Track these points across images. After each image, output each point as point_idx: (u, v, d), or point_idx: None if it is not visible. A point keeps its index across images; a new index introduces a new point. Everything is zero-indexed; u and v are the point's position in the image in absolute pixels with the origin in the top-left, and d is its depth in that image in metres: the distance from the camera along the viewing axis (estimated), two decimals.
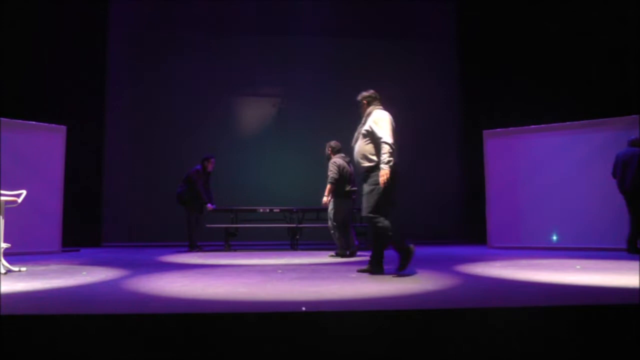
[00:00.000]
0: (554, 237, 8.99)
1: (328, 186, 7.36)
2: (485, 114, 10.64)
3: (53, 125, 8.83)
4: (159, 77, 11.49)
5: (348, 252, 7.54)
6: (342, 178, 7.36)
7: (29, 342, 2.82)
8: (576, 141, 8.94)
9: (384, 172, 4.88)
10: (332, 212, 7.50)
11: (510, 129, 9.58)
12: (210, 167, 9.05)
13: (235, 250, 9.19)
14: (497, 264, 6.36)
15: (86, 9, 10.55)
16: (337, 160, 7.44)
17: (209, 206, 8.96)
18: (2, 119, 8.28)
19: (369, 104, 5.40)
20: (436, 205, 11.74)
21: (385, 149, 4.94)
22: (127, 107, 11.49)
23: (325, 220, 7.99)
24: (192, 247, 8.93)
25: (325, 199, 7.40)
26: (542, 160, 9.19)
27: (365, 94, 5.46)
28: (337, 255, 7.54)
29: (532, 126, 9.38)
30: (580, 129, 8.94)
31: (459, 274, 5.25)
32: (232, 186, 10.68)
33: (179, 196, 8.95)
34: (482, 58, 11.19)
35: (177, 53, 11.56)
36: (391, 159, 4.93)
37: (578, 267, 5.79)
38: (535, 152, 9.30)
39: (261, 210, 9.59)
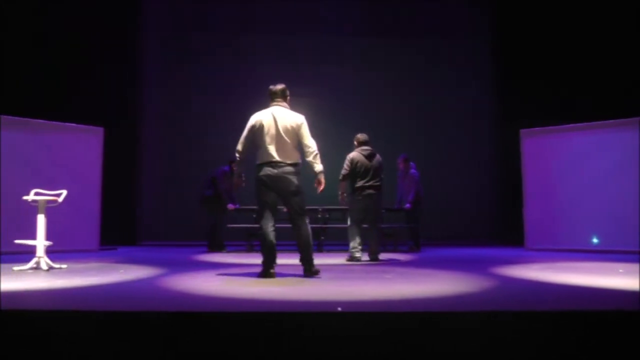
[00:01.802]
0: (594, 240, 8.75)
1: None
2: (523, 112, 10.41)
3: (91, 127, 9.02)
4: (191, 79, 11.64)
5: (369, 256, 6.94)
6: (354, 173, 6.85)
7: (69, 336, 2.87)
8: (617, 140, 8.68)
9: None
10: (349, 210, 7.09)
11: (548, 127, 9.36)
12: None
13: (257, 251, 8.82)
14: (535, 266, 6.22)
15: (119, 12, 10.75)
16: (353, 154, 6.97)
17: (230, 206, 8.85)
18: (42, 121, 8.52)
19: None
20: (472, 206, 11.59)
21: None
22: (160, 109, 11.68)
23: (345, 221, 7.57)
24: (215, 247, 8.82)
25: (340, 196, 6.96)
26: (581, 160, 8.96)
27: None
28: (350, 259, 6.87)
29: (571, 124, 9.15)
30: (621, 127, 8.66)
31: (495, 276, 5.15)
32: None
33: (207, 199, 8.89)
34: (519, 56, 10.98)
35: (209, 54, 11.69)
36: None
37: (621, 270, 5.61)
38: (574, 151, 9.07)
39: (285, 210, 9.22)
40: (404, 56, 11.91)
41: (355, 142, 7.13)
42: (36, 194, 5.83)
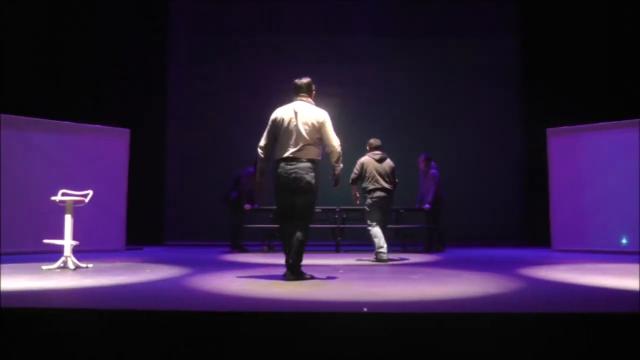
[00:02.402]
0: (624, 240, 8.58)
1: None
2: (549, 111, 10.26)
3: (118, 128, 9.14)
4: (218, 79, 11.69)
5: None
6: (362, 177, 7.01)
7: (97, 334, 2.90)
8: None
9: None
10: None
11: (575, 126, 9.21)
12: None
13: (276, 251, 8.63)
14: (561, 267, 6.12)
15: (148, 14, 10.87)
16: (364, 158, 7.15)
17: (247, 206, 8.83)
18: (70, 123, 8.66)
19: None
20: (499, 206, 11.44)
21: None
22: (187, 109, 11.76)
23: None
24: (237, 248, 8.87)
25: (353, 197, 7.01)
26: (609, 159, 8.78)
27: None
28: (376, 260, 6.85)
29: (598, 123, 8.99)
30: None
31: (522, 277, 5.08)
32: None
33: (235, 200, 8.88)
34: (545, 55, 10.84)
35: (235, 54, 11.74)
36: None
37: None
38: (602, 150, 8.90)
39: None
40: (429, 56, 11.83)
41: (368, 147, 7.31)
42: (63, 194, 5.92)
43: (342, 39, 11.87)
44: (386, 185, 6.98)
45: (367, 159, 7.11)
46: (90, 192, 5.99)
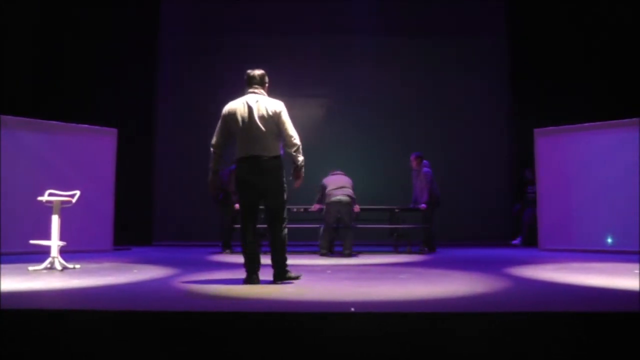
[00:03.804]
0: (609, 240, 8.66)
1: None
2: (536, 111, 10.33)
3: (105, 128, 9.07)
4: (206, 80, 11.65)
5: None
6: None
7: (84, 335, 2.89)
8: (631, 139, 8.55)
9: None
10: None
11: (562, 127, 9.27)
12: None
13: (264, 252, 8.44)
14: (549, 266, 6.17)
15: (137, 14, 10.80)
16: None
17: (237, 206, 8.16)
18: (56, 122, 8.59)
19: None
20: (485, 206, 11.50)
21: None
22: (174, 109, 11.72)
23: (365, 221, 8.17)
24: (228, 248, 8.68)
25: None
26: (596, 159, 8.84)
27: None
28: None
29: (585, 124, 9.05)
30: (636, 127, 8.56)
31: (509, 276, 5.11)
32: None
33: (222, 201, 8.71)
34: (533, 54, 10.91)
35: (226, 55, 11.69)
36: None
37: (636, 271, 5.55)
38: (588, 150, 8.96)
39: (295, 210, 8.53)
40: (416, 56, 11.86)
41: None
42: (50, 194, 5.87)
43: (331, 39, 11.87)
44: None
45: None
46: (78, 192, 5.96)
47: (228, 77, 11.61)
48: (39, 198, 5.83)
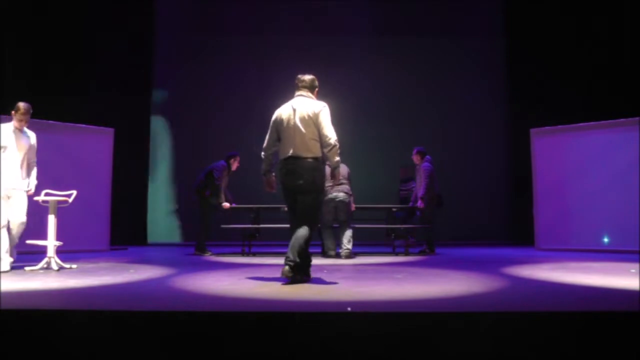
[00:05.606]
0: (605, 239, 8.68)
1: None
2: (533, 111, 10.36)
3: (101, 127, 9.05)
4: (203, 80, 11.67)
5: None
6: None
7: (81, 335, 2.88)
8: (628, 139, 8.58)
9: None
10: None
11: (559, 127, 9.30)
12: (235, 166, 8.22)
13: (254, 254, 8.17)
14: (545, 266, 6.18)
15: (133, 13, 10.79)
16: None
17: (226, 205, 8.06)
18: (53, 122, 8.55)
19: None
20: (482, 205, 11.53)
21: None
22: (171, 110, 11.72)
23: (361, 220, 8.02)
24: (203, 250, 8.14)
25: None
26: (592, 159, 8.88)
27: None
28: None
29: (582, 124, 9.08)
30: (632, 127, 8.57)
31: (506, 276, 5.12)
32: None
33: (198, 189, 8.15)
34: (530, 55, 10.94)
35: (220, 55, 11.72)
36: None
37: (632, 270, 5.56)
38: (585, 150, 9.00)
39: (285, 209, 8.42)
40: (413, 56, 11.89)
41: None
42: (47, 194, 5.87)
43: (330, 39, 11.86)
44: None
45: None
46: (74, 192, 5.95)
47: (225, 77, 11.66)
48: (36, 198, 5.82)
